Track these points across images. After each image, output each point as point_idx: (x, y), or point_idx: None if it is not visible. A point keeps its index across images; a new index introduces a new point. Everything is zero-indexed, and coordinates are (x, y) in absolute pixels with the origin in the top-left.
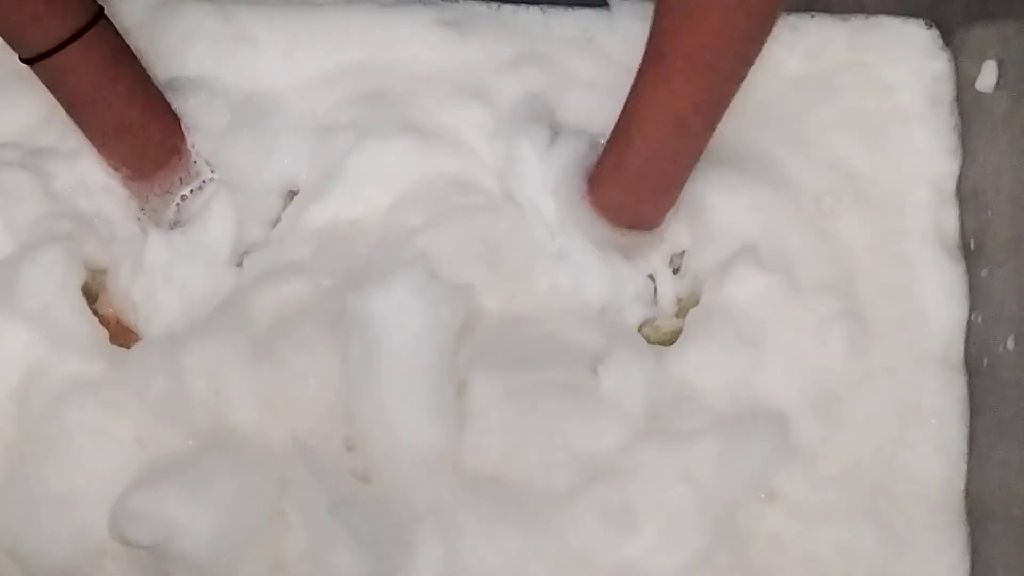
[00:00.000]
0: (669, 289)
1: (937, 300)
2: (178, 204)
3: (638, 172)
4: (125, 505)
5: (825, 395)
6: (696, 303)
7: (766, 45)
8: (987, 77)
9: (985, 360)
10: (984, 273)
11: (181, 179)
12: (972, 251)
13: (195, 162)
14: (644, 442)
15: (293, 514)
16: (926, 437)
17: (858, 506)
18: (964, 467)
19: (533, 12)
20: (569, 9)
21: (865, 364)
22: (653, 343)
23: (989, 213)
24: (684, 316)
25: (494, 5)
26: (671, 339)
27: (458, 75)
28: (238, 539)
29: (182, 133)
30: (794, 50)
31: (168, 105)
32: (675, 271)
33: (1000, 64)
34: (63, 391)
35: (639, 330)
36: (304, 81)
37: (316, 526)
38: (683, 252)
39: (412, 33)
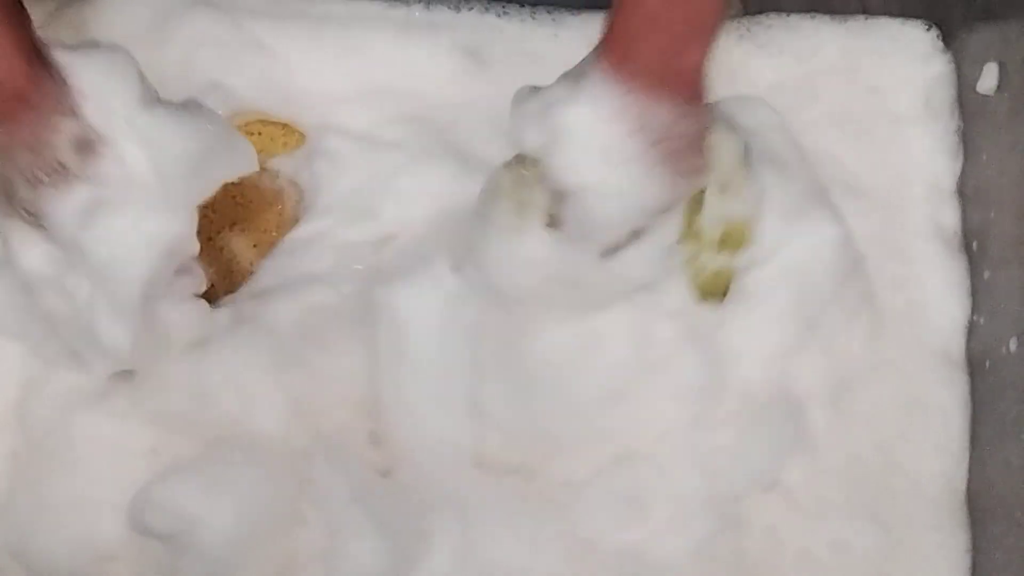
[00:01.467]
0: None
1: (938, 296)
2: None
3: (653, 11)
4: (146, 496)
5: (841, 384)
6: (745, 238)
7: (762, 42)
8: (988, 79)
9: (988, 362)
10: (987, 275)
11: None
12: (975, 252)
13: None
14: (664, 427)
15: (310, 513)
16: (927, 432)
17: (857, 501)
18: (965, 465)
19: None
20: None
21: (876, 353)
22: (699, 288)
23: (992, 214)
24: (731, 250)
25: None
26: (718, 285)
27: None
28: (253, 536)
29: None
30: (791, 49)
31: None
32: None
33: (1001, 66)
34: (68, 401)
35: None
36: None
37: (336, 515)
38: None
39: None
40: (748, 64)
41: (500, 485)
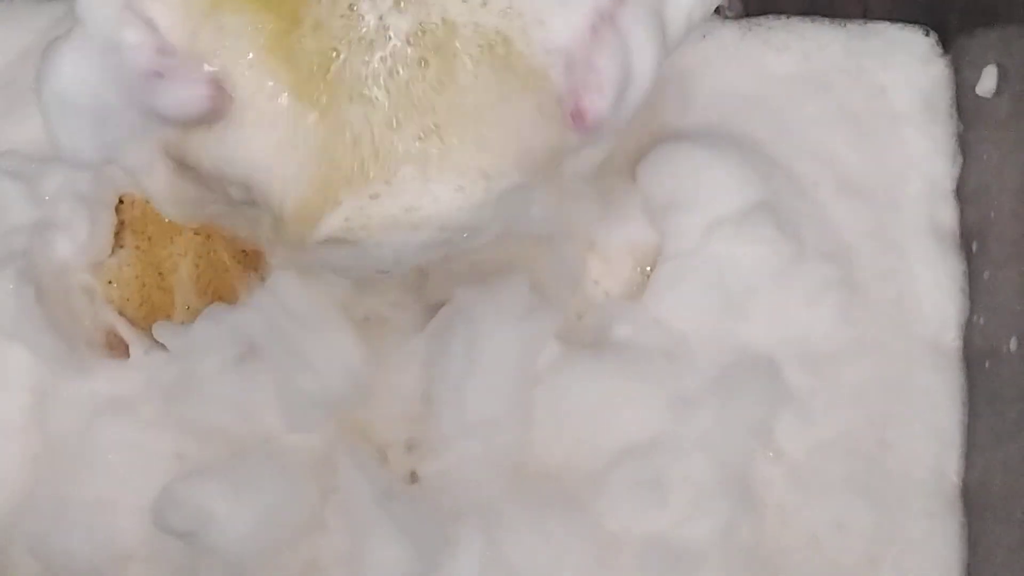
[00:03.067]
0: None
1: (929, 289)
2: None
3: None
4: (169, 493)
5: (815, 352)
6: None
7: (760, 43)
8: (987, 81)
9: (987, 362)
10: (986, 275)
11: None
12: (975, 253)
13: None
14: (655, 407)
15: (333, 519)
16: (917, 415)
17: (855, 477)
18: (957, 454)
19: None
20: None
21: (857, 333)
22: None
23: (992, 215)
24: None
25: None
26: None
27: None
28: (274, 539)
29: None
30: (787, 52)
31: None
32: None
33: (1001, 68)
34: (89, 407)
35: None
36: None
37: (359, 521)
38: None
39: None
40: (753, 57)
41: (527, 488)
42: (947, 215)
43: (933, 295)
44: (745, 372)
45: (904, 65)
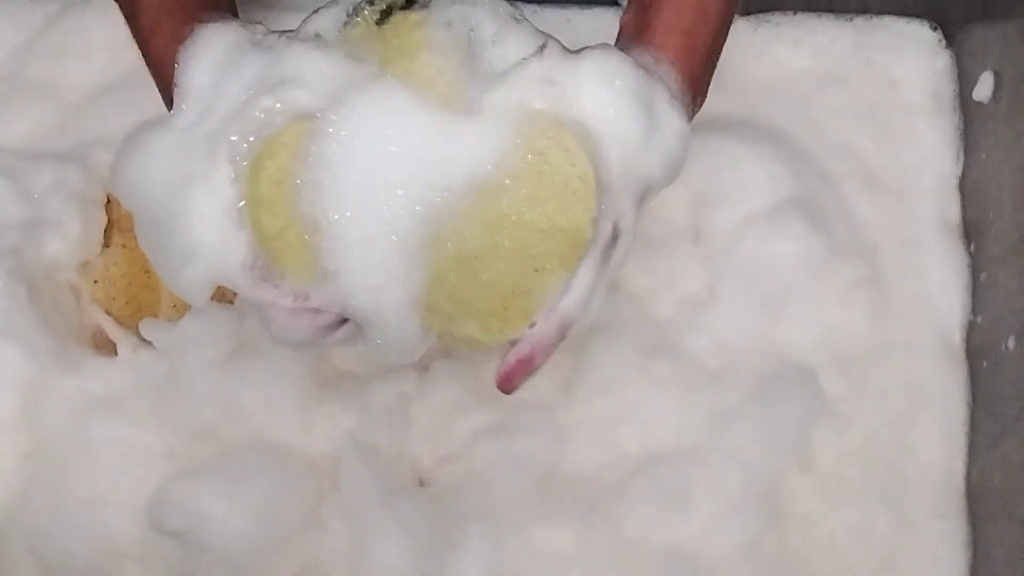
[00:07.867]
0: None
1: (941, 287)
2: None
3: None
4: (163, 494)
5: (849, 356)
6: None
7: (772, 38)
8: (987, 78)
9: (986, 361)
10: (984, 275)
11: None
12: (973, 253)
13: None
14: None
15: (334, 519)
16: (931, 418)
17: (874, 483)
18: (963, 455)
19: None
20: (586, 8)
21: (884, 334)
22: None
23: (990, 214)
24: None
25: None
26: None
27: None
28: (271, 538)
29: None
30: (800, 47)
31: None
32: None
33: (1001, 66)
34: (80, 405)
35: None
36: None
37: (362, 522)
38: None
39: None
40: (768, 51)
41: (543, 493)
42: (954, 212)
43: (943, 293)
44: (785, 385)
45: (913, 57)
